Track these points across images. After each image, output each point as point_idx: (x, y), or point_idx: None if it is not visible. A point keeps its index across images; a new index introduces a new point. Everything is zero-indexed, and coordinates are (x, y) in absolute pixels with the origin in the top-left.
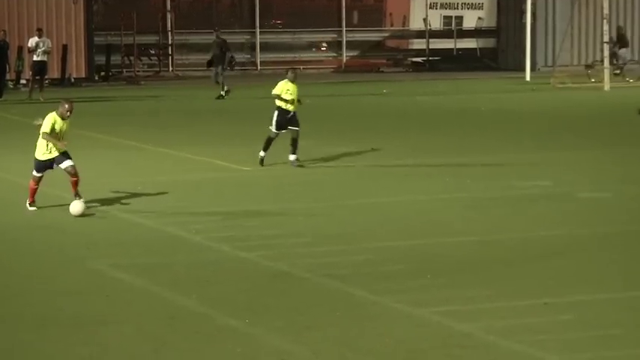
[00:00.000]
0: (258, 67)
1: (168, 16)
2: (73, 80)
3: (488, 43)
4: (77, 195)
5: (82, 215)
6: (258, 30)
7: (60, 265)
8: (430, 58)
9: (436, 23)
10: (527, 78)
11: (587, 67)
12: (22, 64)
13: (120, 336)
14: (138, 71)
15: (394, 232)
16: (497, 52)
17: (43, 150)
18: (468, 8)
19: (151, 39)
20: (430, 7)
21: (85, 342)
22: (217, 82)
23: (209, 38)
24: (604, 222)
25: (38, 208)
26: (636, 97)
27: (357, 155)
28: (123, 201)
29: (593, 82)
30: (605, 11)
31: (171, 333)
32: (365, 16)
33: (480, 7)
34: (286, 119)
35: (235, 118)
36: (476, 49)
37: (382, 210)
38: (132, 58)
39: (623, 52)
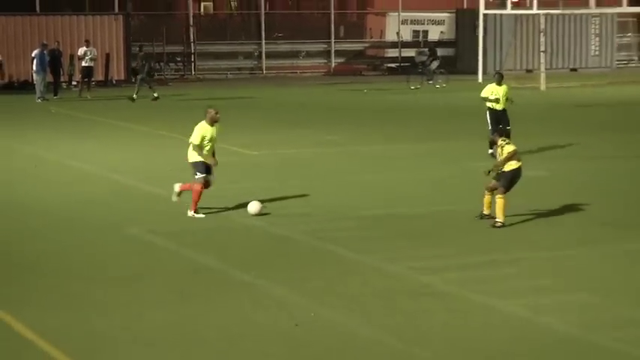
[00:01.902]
0: (264, 72)
1: (191, 29)
2: (114, 82)
3: (449, 52)
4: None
5: (259, 214)
6: (263, 41)
7: (102, 231)
8: (402, 64)
9: (407, 36)
10: (480, 80)
11: (528, 71)
12: (72, 69)
13: (152, 288)
14: (167, 74)
15: (374, 204)
16: (456, 59)
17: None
18: (432, 24)
19: (178, 48)
20: (402, 23)
21: (124, 293)
22: (150, 87)
23: (224, 48)
24: (540, 196)
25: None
26: (565, 94)
27: (344, 141)
28: (153, 179)
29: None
30: (542, 26)
31: (194, 285)
32: (350, 30)
33: (442, 22)
34: None
35: (243, 113)
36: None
37: (364, 186)
38: (162, 63)
39: (434, 64)
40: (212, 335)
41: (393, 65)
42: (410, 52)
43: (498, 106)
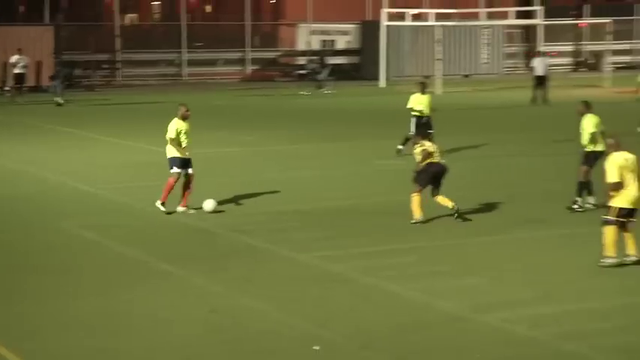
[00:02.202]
0: (185, 78)
1: (117, 39)
2: (45, 87)
3: (354, 59)
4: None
5: (215, 211)
6: (184, 50)
7: (34, 226)
8: (312, 71)
9: (316, 45)
10: (382, 85)
11: (426, 77)
12: (5, 76)
13: (81, 278)
14: (94, 81)
15: (286, 199)
16: (360, 66)
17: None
18: (339, 34)
19: (105, 56)
20: (312, 33)
21: (54, 283)
22: (59, 93)
23: (148, 56)
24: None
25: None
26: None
27: (258, 142)
28: (82, 177)
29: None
30: (438, 37)
31: (120, 275)
32: (264, 39)
33: (348, 33)
34: None
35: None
36: (344, 64)
37: (276, 182)
38: (89, 70)
39: (324, 72)
40: (138, 321)
41: (303, 72)
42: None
43: (423, 114)
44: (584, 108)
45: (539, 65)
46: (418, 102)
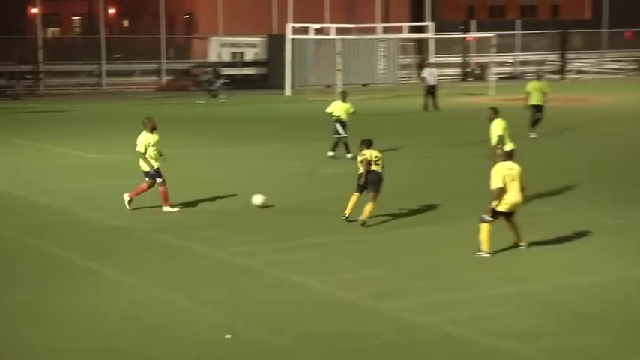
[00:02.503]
0: (104, 87)
1: (40, 51)
2: None
3: (262, 70)
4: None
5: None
6: (104, 61)
7: None
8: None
9: (226, 57)
10: (288, 94)
11: (327, 86)
12: None
13: (6, 275)
14: (18, 90)
15: (201, 198)
16: (268, 76)
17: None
18: (248, 46)
19: (28, 67)
20: (222, 46)
21: None
22: None
23: (70, 67)
24: (339, 189)
25: None
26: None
27: (172, 145)
28: (7, 179)
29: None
30: (339, 49)
31: (44, 272)
32: (178, 52)
33: (256, 45)
34: None
35: (85, 123)
36: (253, 74)
37: (187, 183)
38: (13, 80)
39: (218, 82)
40: (61, 314)
41: (200, 81)
42: (230, 71)
43: (343, 119)
44: (492, 113)
45: (429, 75)
46: (338, 108)
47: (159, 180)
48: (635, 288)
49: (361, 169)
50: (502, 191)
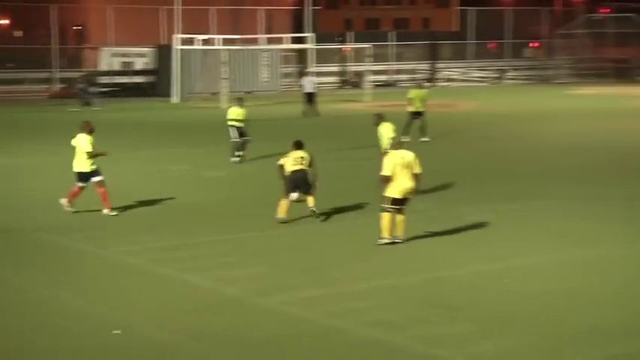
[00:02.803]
0: None
1: None
2: None
3: (151, 79)
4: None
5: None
6: None
7: None
8: (114, 89)
9: (117, 66)
10: (176, 101)
11: (213, 94)
12: None
13: None
14: None
15: (93, 201)
16: (157, 84)
17: (85, 165)
18: (138, 56)
19: None
20: (113, 56)
21: None
22: None
23: None
24: (225, 190)
25: None
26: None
27: (58, 151)
28: None
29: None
30: (224, 59)
31: None
32: (70, 61)
33: (145, 55)
34: None
35: None
36: (142, 82)
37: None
38: None
39: (92, 89)
40: None
41: (105, 90)
42: (120, 79)
43: (240, 124)
44: (377, 119)
45: (307, 83)
46: (236, 113)
47: (97, 178)
48: (496, 279)
49: (284, 165)
50: (388, 178)
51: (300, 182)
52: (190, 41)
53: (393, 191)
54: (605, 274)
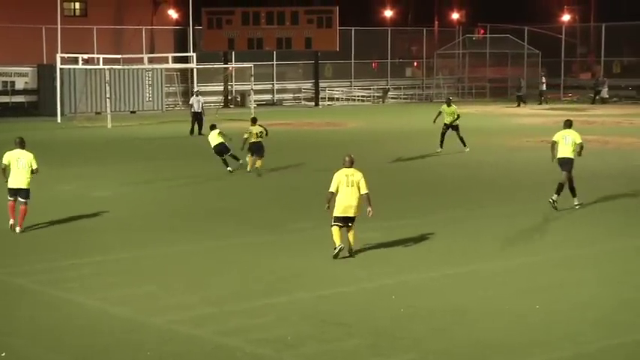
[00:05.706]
0: None
1: None
2: None
3: (33, 98)
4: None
5: None
6: None
7: None
8: None
9: None
10: (59, 120)
11: (97, 113)
12: None
13: None
14: None
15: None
16: (39, 104)
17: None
18: (18, 75)
19: None
20: None
21: None
22: None
23: None
24: (113, 209)
25: None
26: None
27: None
28: None
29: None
30: (107, 78)
31: None
32: None
33: (26, 75)
34: None
35: None
36: (24, 102)
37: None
38: None
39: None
40: None
41: None
42: (1, 99)
43: (220, 141)
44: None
45: (195, 103)
46: (215, 136)
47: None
48: (386, 296)
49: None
50: (332, 195)
51: (256, 149)
52: (73, 60)
53: (336, 209)
54: (487, 289)
